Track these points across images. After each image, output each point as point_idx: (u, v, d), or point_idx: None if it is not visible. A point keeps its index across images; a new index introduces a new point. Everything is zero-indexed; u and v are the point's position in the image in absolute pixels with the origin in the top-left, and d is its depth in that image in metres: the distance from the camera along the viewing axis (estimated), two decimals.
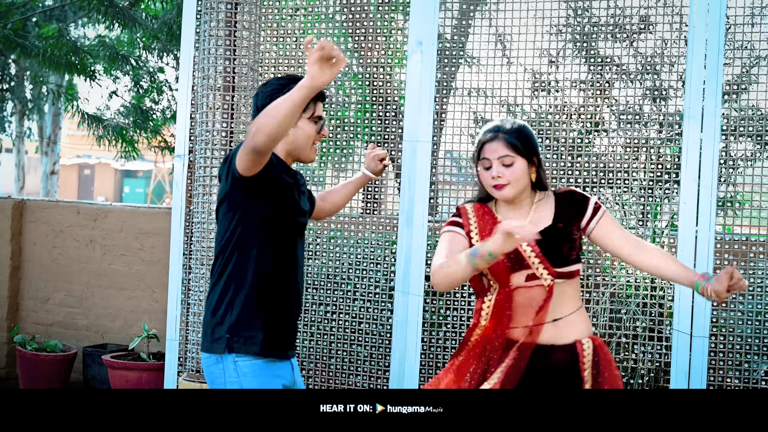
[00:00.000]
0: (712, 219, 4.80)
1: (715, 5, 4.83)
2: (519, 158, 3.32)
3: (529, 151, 3.34)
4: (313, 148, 3.42)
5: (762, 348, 4.91)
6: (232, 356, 3.30)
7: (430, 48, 5.19)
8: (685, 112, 4.88)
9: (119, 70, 12.09)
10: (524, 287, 3.31)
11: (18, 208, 7.71)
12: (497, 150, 3.32)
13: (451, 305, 5.31)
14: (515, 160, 3.32)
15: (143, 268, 7.43)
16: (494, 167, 3.32)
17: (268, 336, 3.32)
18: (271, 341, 3.34)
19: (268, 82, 3.41)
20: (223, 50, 4.52)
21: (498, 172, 3.31)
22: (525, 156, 3.33)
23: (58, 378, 7.03)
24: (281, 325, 3.39)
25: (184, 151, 5.55)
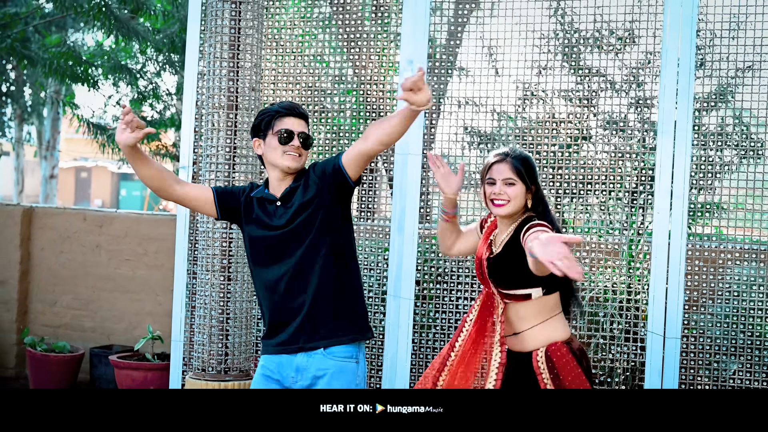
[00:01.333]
0: (684, 226, 5.13)
1: (687, 24, 5.15)
2: (519, 182, 3.81)
3: (530, 178, 3.84)
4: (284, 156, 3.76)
5: (731, 348, 5.23)
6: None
7: (420, 66, 5.50)
8: (658, 126, 5.20)
9: (121, 80, 12.34)
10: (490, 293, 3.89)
11: (27, 214, 8.00)
12: (503, 171, 3.82)
13: (439, 309, 5.62)
14: (516, 183, 3.81)
15: (147, 272, 7.72)
16: (497, 185, 3.81)
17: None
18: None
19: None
20: (227, 71, 4.84)
21: (500, 189, 3.81)
22: (524, 181, 3.82)
23: (67, 378, 7.32)
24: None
25: (189, 162, 5.87)
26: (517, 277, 3.76)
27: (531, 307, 3.79)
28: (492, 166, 3.85)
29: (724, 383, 5.22)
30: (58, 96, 15.61)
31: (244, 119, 4.83)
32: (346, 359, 3.73)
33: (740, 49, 5.29)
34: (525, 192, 3.83)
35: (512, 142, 5.72)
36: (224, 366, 4.87)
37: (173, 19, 10.61)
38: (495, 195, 3.81)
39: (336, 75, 6.10)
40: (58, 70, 10.27)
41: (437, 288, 5.64)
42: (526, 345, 3.80)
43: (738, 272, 5.27)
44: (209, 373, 4.84)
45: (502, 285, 3.80)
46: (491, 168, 3.85)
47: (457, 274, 5.60)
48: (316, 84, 5.99)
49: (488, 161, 3.89)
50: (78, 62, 10.69)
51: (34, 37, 12.50)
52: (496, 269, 3.82)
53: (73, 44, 12.82)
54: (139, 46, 11.57)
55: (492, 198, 3.82)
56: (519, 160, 3.84)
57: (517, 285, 3.77)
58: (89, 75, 10.89)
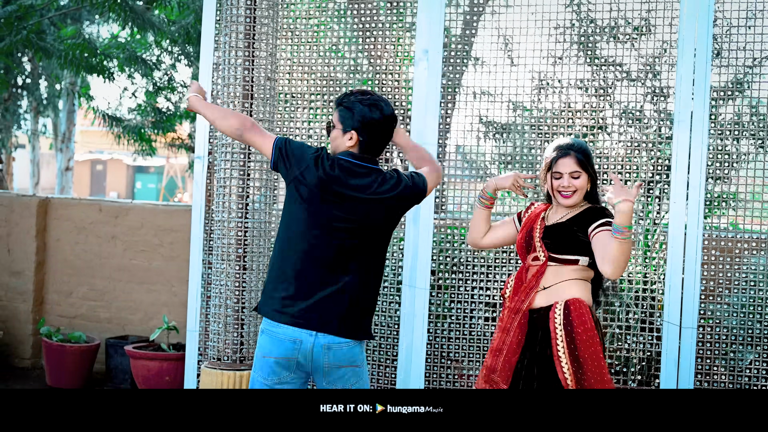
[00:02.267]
0: (700, 217, 5.12)
1: (704, 15, 5.13)
2: (584, 174, 4.07)
3: (592, 168, 4.10)
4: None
5: (747, 339, 5.21)
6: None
7: (435, 56, 5.51)
8: (675, 116, 5.18)
9: (137, 71, 12.38)
10: (531, 266, 4.11)
11: (43, 205, 8.04)
12: (569, 165, 4.06)
13: (455, 298, 5.62)
14: (581, 174, 4.07)
15: (162, 263, 7.75)
16: (565, 179, 4.06)
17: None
18: None
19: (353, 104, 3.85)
20: (243, 60, 4.84)
21: (569, 182, 4.06)
22: (587, 171, 4.08)
23: (82, 368, 7.35)
24: None
25: (204, 152, 5.88)
26: (571, 246, 4.02)
27: (572, 271, 4.04)
28: (558, 161, 4.07)
29: (740, 373, 5.20)
30: (73, 88, 15.65)
31: (259, 108, 4.83)
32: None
33: (757, 38, 5.26)
34: (588, 181, 4.08)
35: (527, 133, 5.71)
36: (239, 355, 4.88)
37: (188, 10, 10.63)
38: (563, 188, 4.06)
39: (351, 65, 6.10)
40: (73, 61, 10.30)
41: (452, 278, 5.64)
42: (551, 297, 4.02)
43: (755, 262, 5.24)
44: (224, 362, 4.86)
45: (555, 249, 4.04)
46: (557, 162, 4.07)
47: (472, 264, 5.60)
48: (331, 74, 5.99)
49: (551, 155, 4.10)
50: (93, 54, 10.72)
51: (50, 30, 12.53)
52: (552, 235, 4.06)
53: (88, 36, 12.85)
54: (154, 37, 11.59)
55: (560, 190, 4.07)
56: (581, 152, 4.08)
57: (569, 251, 4.03)
58: (104, 66, 10.91)
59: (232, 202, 4.85)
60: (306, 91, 5.95)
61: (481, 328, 5.59)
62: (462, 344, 5.60)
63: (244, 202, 4.82)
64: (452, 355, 5.64)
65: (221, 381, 4.79)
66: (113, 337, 7.65)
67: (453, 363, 5.67)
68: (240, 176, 4.82)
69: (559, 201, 4.10)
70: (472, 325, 5.60)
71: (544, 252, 4.06)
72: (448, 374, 5.65)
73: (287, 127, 5.95)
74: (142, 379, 6.76)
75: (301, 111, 5.98)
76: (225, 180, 4.84)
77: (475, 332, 5.59)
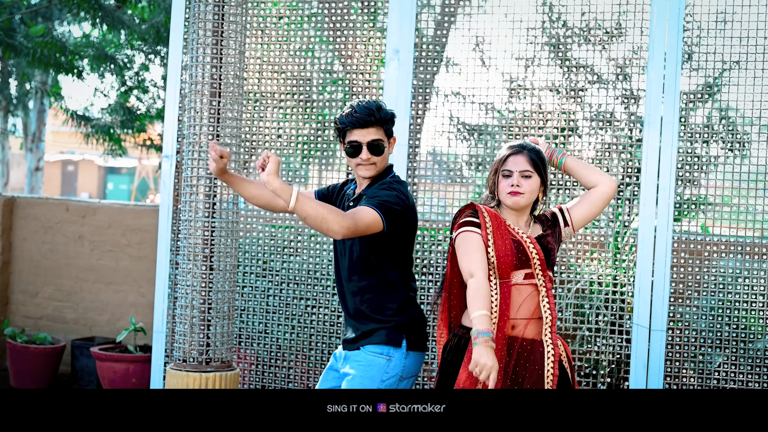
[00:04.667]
0: (670, 220, 5.12)
1: (674, 19, 5.14)
2: (536, 175, 3.83)
3: (544, 172, 3.87)
4: (357, 168, 3.88)
5: (716, 341, 5.22)
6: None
7: (406, 56, 5.48)
8: (645, 119, 5.19)
9: (107, 70, 12.28)
10: (519, 284, 3.78)
11: (8, 204, 7.93)
12: (520, 163, 3.82)
13: (424, 300, 5.58)
14: (533, 175, 3.82)
15: (130, 263, 7.67)
16: (514, 177, 3.80)
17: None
18: None
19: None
20: (210, 58, 4.77)
21: (518, 182, 3.80)
22: (540, 175, 3.84)
23: (47, 370, 7.25)
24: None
25: (172, 151, 5.82)
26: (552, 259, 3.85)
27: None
28: (508, 158, 3.84)
29: (709, 375, 5.20)
30: (44, 87, 15.49)
31: (227, 107, 4.77)
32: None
33: (727, 42, 5.27)
34: (540, 186, 3.86)
35: (499, 135, 5.69)
36: (205, 357, 4.81)
37: (159, 9, 10.54)
38: (512, 188, 3.80)
39: (322, 65, 6.05)
40: (42, 59, 10.19)
41: (421, 279, 5.60)
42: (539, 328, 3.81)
43: (724, 265, 5.25)
44: (190, 364, 4.79)
45: (549, 266, 3.83)
46: (507, 160, 3.84)
47: (443, 266, 5.57)
48: (301, 74, 5.94)
49: (503, 153, 3.88)
50: (63, 52, 10.61)
51: (20, 28, 12.40)
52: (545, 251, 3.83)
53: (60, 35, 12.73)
54: (125, 36, 11.49)
55: (509, 191, 3.81)
56: (535, 152, 3.85)
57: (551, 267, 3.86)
58: (74, 65, 10.80)
59: (200, 201, 4.78)
60: (276, 91, 5.91)
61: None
62: (431, 346, 5.56)
63: (211, 202, 4.75)
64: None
65: (186, 383, 4.71)
66: (79, 338, 7.56)
67: (423, 365, 5.63)
68: (208, 175, 4.76)
69: (506, 202, 3.83)
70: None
71: (543, 270, 3.80)
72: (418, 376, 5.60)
73: (257, 126, 5.90)
74: (108, 381, 6.67)
75: (271, 111, 5.93)
76: (192, 179, 4.78)
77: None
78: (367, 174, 3.85)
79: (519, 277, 3.78)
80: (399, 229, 3.77)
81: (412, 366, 3.85)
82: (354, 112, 3.82)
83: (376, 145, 3.81)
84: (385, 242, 3.80)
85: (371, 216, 3.63)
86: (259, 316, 5.89)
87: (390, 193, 3.74)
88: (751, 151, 5.32)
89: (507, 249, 3.75)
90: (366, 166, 3.84)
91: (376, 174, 3.87)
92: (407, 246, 3.90)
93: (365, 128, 3.80)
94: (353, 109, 3.84)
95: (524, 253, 3.77)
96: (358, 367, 3.81)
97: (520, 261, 3.77)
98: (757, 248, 5.26)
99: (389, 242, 3.80)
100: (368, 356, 3.80)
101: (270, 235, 5.92)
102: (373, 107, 3.82)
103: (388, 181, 3.85)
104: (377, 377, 3.76)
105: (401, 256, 3.89)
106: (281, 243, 5.88)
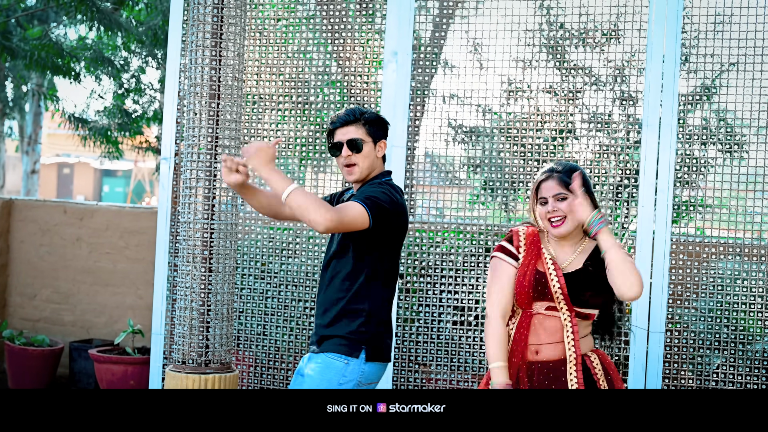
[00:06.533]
0: (668, 221, 5.13)
1: (672, 21, 5.15)
2: (571, 195, 3.64)
3: (589, 191, 3.67)
4: (343, 171, 3.91)
5: (714, 343, 5.22)
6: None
7: (404, 58, 5.49)
8: (643, 121, 5.20)
9: (104, 73, 12.27)
10: (542, 314, 3.68)
11: (6, 207, 7.92)
12: (552, 188, 3.69)
13: (423, 302, 5.59)
14: (568, 196, 3.65)
15: (128, 265, 7.66)
16: (550, 203, 3.68)
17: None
18: None
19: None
20: (210, 60, 4.78)
21: (553, 206, 3.67)
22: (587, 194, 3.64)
23: (46, 372, 7.25)
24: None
25: (170, 153, 5.82)
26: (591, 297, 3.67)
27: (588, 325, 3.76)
28: (540, 185, 3.73)
29: (707, 377, 5.21)
30: (40, 89, 15.48)
31: (226, 109, 4.78)
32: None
33: (725, 43, 5.28)
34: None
35: (496, 137, 5.70)
36: (205, 359, 4.82)
37: (156, 11, 10.54)
38: (550, 213, 3.68)
39: (320, 67, 6.06)
40: (39, 62, 10.18)
41: (421, 281, 5.61)
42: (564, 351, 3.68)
43: (722, 267, 5.26)
44: (189, 365, 4.79)
45: (579, 303, 3.66)
46: (540, 187, 3.73)
47: (440, 268, 5.57)
48: (299, 76, 5.95)
49: (536, 179, 3.76)
50: (59, 54, 10.60)
51: (16, 30, 12.39)
52: (576, 286, 3.65)
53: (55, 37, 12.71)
54: (121, 38, 11.49)
55: (549, 218, 3.69)
56: (566, 173, 3.69)
57: (589, 305, 3.69)
58: (71, 68, 10.79)
59: (198, 203, 4.79)
60: (274, 93, 5.91)
61: (449, 332, 5.56)
62: (430, 348, 5.57)
63: (210, 204, 4.76)
64: (420, 358, 5.61)
65: (185, 384, 4.71)
66: (77, 340, 7.56)
67: (421, 367, 5.64)
68: (207, 177, 4.76)
69: (550, 231, 3.70)
70: (440, 329, 5.57)
71: (569, 306, 3.65)
72: (416, 378, 5.62)
73: (255, 128, 5.91)
74: (107, 383, 6.67)
75: (269, 113, 5.94)
76: (191, 181, 4.78)
77: (444, 336, 5.56)
78: (350, 178, 3.90)
79: (540, 307, 3.68)
80: (385, 229, 3.76)
81: (371, 374, 3.83)
82: (338, 114, 3.93)
83: (354, 142, 3.85)
84: (370, 243, 3.79)
85: (357, 210, 3.65)
86: (258, 318, 5.89)
87: (378, 190, 3.77)
88: (749, 152, 5.33)
89: (525, 280, 3.66)
90: (349, 168, 3.87)
91: (362, 177, 3.89)
92: (392, 251, 3.87)
93: (345, 127, 3.88)
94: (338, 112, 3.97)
95: (545, 285, 3.65)
96: (316, 368, 3.81)
97: (539, 293, 3.66)
98: (755, 250, 5.27)
99: (373, 243, 3.79)
100: (327, 359, 3.81)
101: (268, 237, 5.93)
102: (356, 108, 3.93)
103: (379, 181, 3.86)
104: (334, 380, 3.76)
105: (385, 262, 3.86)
106: (280, 245, 5.88)
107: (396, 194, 3.82)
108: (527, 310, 3.69)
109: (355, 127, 3.87)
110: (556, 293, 3.64)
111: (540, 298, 3.66)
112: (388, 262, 3.86)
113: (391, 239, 3.84)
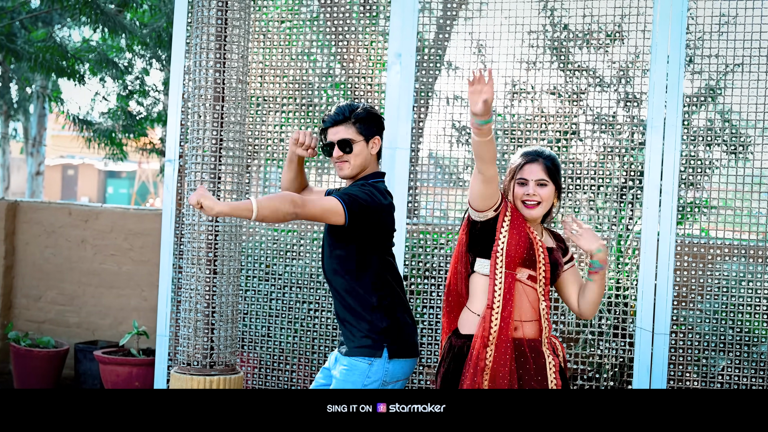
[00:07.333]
0: (673, 223, 5.12)
1: (677, 22, 5.14)
2: (551, 183, 3.78)
3: (558, 178, 3.81)
4: (336, 167, 3.93)
5: (719, 345, 5.22)
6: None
7: (408, 60, 5.49)
8: (648, 122, 5.19)
9: (108, 75, 12.29)
10: (523, 282, 3.74)
11: (11, 209, 7.94)
12: (536, 172, 3.76)
13: (427, 304, 5.59)
14: (548, 184, 3.77)
15: (133, 267, 7.67)
16: (530, 186, 3.75)
17: None
18: None
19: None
20: (214, 62, 4.79)
21: (534, 190, 3.75)
22: (555, 182, 3.79)
23: (51, 373, 7.25)
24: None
25: (175, 155, 5.83)
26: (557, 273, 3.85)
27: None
28: (524, 167, 3.78)
29: (712, 379, 5.21)
30: (44, 91, 15.52)
31: (230, 111, 4.78)
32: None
33: (730, 44, 5.27)
34: (554, 194, 3.80)
35: (500, 138, 5.70)
36: (209, 360, 4.82)
37: (160, 14, 10.55)
38: (527, 196, 3.75)
39: (324, 69, 6.06)
40: (43, 64, 10.20)
41: (425, 283, 5.61)
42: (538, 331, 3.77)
43: (727, 268, 5.25)
44: (194, 367, 4.80)
45: (553, 279, 3.82)
46: (522, 168, 3.78)
47: (445, 270, 5.57)
48: (303, 78, 5.95)
49: (518, 161, 3.81)
50: (63, 56, 10.62)
51: (20, 32, 12.41)
52: (552, 263, 3.81)
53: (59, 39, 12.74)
54: (125, 41, 11.50)
55: (524, 199, 3.76)
56: (550, 160, 3.79)
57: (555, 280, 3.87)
58: (75, 70, 10.81)
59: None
60: (278, 95, 5.92)
61: None
62: (434, 349, 5.57)
63: None
64: (424, 360, 5.61)
65: (190, 386, 4.73)
66: (82, 342, 7.56)
67: (425, 368, 5.64)
68: (211, 179, 4.77)
69: (522, 212, 3.77)
70: None
71: (547, 278, 3.76)
72: (420, 379, 5.62)
73: (259, 130, 5.91)
74: (112, 385, 6.67)
75: (273, 115, 5.94)
76: (196, 183, 4.79)
77: None
78: (341, 173, 3.90)
79: (523, 275, 3.73)
80: (366, 227, 3.76)
81: (397, 371, 3.81)
82: (328, 112, 3.93)
83: (345, 142, 3.85)
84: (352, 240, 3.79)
85: (331, 202, 3.67)
86: (262, 320, 5.89)
87: (359, 189, 3.78)
88: (754, 153, 5.32)
89: (521, 241, 3.71)
90: (339, 165, 3.88)
91: (353, 174, 3.89)
92: (380, 248, 3.86)
93: (336, 126, 3.88)
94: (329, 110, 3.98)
95: (533, 253, 3.72)
96: (342, 371, 3.81)
97: (529, 259, 3.72)
98: (761, 251, 5.26)
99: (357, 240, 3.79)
100: (352, 362, 3.80)
101: (273, 238, 5.93)
102: (345, 107, 3.90)
103: (363, 182, 3.86)
104: (359, 381, 3.75)
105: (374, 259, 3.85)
106: (284, 247, 5.89)
107: (377, 194, 3.81)
108: (512, 272, 3.71)
109: (345, 126, 3.87)
110: (540, 263, 3.72)
111: (526, 265, 3.72)
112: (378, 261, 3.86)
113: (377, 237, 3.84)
